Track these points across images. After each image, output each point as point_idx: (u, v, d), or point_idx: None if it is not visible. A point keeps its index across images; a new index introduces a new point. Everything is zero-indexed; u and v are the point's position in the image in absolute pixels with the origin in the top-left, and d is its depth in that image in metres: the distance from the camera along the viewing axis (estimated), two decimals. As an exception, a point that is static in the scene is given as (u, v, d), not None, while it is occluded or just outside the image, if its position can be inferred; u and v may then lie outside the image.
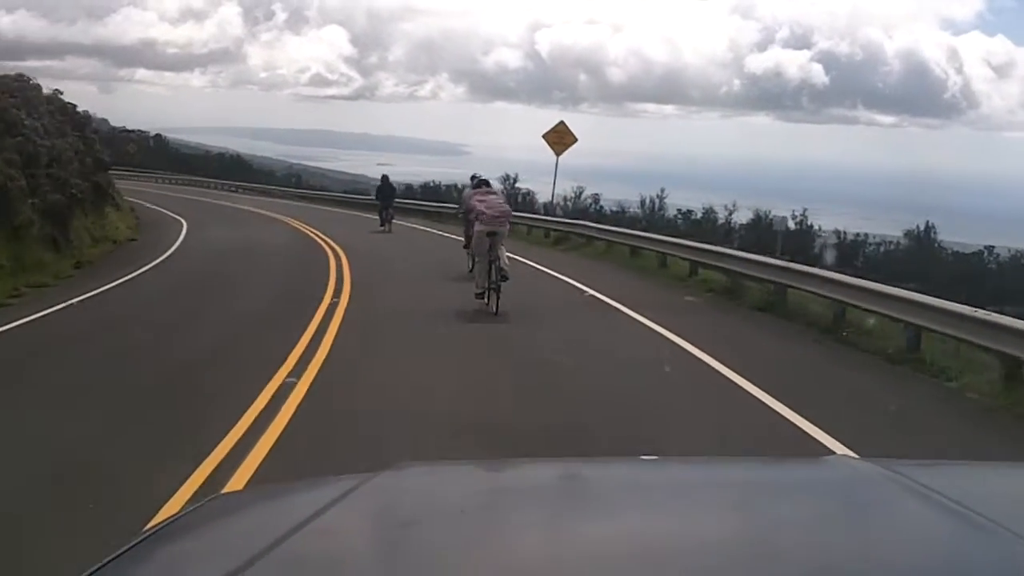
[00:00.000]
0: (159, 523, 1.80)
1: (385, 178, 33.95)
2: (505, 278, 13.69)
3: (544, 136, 30.08)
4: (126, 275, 18.83)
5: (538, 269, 20.20)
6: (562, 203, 74.94)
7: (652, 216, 67.42)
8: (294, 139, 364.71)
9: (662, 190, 69.60)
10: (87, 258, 21.92)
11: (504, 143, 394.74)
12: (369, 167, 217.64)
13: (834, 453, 5.86)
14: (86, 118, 29.86)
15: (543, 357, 11.08)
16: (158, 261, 21.82)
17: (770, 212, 69.30)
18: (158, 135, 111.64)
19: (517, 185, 78.73)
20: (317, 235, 29.19)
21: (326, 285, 16.94)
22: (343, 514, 1.72)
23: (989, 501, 1.67)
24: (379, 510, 1.82)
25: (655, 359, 10.74)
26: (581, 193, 70.80)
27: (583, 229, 27.44)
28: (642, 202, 69.21)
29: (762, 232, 63.58)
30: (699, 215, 68.14)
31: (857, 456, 3.28)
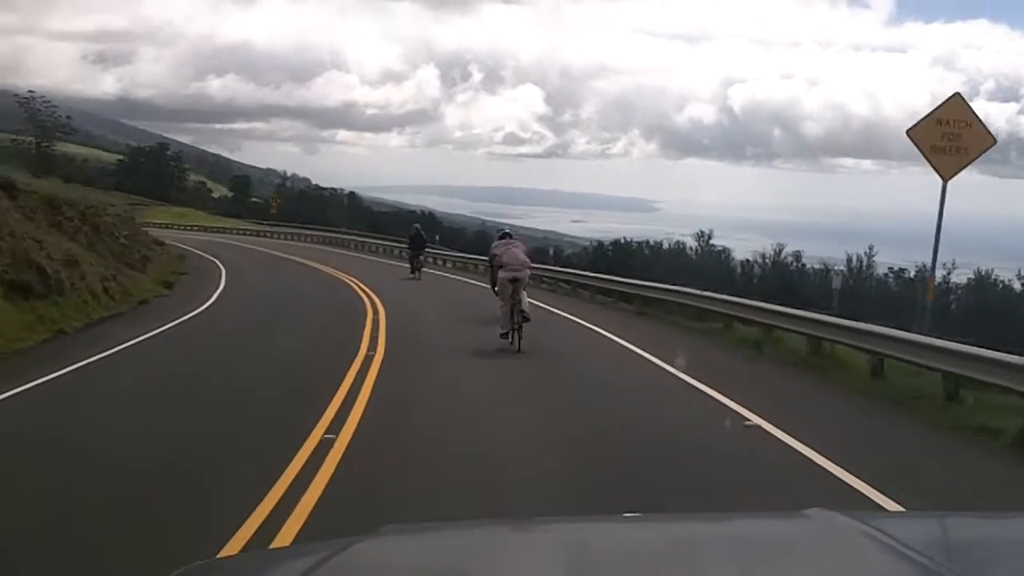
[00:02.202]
0: None
1: (417, 229, 37.55)
2: (526, 319, 15.10)
3: (911, 134, 15.02)
4: None
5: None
6: (760, 260, 71.28)
7: (859, 275, 62.94)
8: (486, 196, 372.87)
9: (870, 247, 64.86)
10: None
11: (696, 199, 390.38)
12: (560, 223, 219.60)
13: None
14: None
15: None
16: None
17: (992, 271, 63.80)
18: (351, 193, 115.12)
19: (712, 242, 75.48)
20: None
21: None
22: None
23: (961, 553, 1.77)
24: None
25: None
26: (781, 251, 66.97)
27: (981, 370, 10.34)
28: (848, 260, 64.65)
29: (986, 292, 58.29)
30: (912, 274, 63.17)
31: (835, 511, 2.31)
